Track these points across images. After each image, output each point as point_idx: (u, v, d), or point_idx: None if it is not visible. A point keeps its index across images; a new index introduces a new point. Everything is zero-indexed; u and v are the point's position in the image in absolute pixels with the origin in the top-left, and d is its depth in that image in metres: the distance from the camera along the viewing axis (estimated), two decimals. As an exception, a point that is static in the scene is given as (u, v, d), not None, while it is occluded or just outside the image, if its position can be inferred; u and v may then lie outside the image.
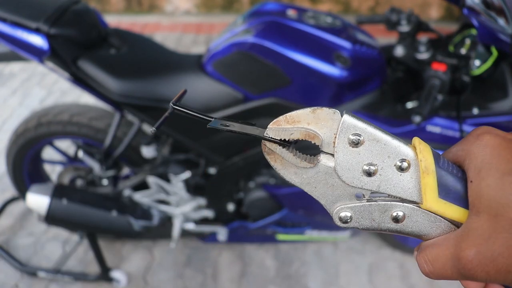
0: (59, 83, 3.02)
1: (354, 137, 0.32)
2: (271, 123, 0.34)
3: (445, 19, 4.27)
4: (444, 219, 0.32)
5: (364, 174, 0.32)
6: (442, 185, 0.31)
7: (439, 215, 0.31)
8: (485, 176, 0.27)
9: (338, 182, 0.33)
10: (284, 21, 1.33)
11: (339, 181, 0.33)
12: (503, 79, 1.28)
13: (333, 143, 0.33)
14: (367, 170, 0.32)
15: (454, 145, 0.33)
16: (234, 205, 1.62)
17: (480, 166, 0.28)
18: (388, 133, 0.32)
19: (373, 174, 0.32)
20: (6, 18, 1.30)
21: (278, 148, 0.34)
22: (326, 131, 0.33)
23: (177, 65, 1.42)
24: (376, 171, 0.32)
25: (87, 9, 1.42)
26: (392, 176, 0.32)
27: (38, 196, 1.44)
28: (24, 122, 1.58)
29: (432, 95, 1.19)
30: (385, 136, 0.32)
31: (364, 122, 0.32)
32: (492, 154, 0.28)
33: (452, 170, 0.31)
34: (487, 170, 0.27)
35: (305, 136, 0.33)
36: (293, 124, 0.33)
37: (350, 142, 0.32)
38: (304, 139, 0.33)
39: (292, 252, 1.87)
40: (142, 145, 1.49)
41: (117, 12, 4.33)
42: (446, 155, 0.33)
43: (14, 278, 1.71)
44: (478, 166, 0.28)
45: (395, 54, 1.39)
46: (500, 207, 0.26)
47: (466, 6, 1.17)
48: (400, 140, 0.32)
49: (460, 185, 0.31)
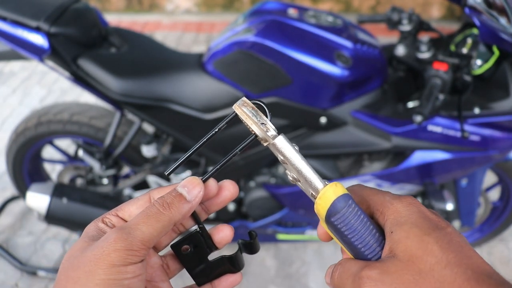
0: (59, 82, 3.01)
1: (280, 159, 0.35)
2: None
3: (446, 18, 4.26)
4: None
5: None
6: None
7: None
8: (408, 230, 0.31)
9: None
10: (285, 20, 1.33)
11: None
12: (504, 79, 1.27)
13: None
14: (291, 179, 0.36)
15: (376, 194, 0.36)
16: (235, 204, 1.62)
17: (404, 222, 0.32)
18: (308, 166, 0.34)
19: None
20: (7, 17, 1.30)
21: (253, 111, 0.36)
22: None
23: (178, 64, 1.42)
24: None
25: (87, 8, 1.42)
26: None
27: (38, 195, 1.44)
28: (24, 121, 1.57)
29: (433, 95, 1.18)
30: (304, 168, 0.34)
31: (290, 149, 0.35)
32: (417, 217, 0.32)
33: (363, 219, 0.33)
34: (410, 227, 0.31)
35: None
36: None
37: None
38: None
39: (293, 251, 1.86)
40: (142, 144, 1.49)
41: (118, 11, 4.33)
42: (363, 197, 0.36)
43: (14, 277, 1.71)
44: (401, 222, 0.32)
45: (396, 54, 1.38)
46: (414, 257, 0.30)
47: (467, 5, 1.17)
48: (316, 175, 0.34)
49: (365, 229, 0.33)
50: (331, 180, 0.35)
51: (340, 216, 0.33)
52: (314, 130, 1.39)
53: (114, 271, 0.32)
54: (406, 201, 0.34)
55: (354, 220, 0.33)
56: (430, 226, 0.31)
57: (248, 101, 0.36)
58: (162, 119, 1.41)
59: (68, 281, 0.33)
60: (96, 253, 0.33)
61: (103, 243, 0.33)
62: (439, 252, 0.29)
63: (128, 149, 1.54)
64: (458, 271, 0.29)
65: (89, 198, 1.49)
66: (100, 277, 0.32)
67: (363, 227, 0.33)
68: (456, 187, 1.53)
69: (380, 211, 0.34)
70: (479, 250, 1.94)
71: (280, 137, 0.35)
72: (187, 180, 0.36)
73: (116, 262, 0.32)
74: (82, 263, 0.33)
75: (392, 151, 1.37)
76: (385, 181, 1.40)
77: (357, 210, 0.33)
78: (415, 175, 1.39)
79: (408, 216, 0.32)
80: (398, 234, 0.31)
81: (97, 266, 0.32)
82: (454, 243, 0.30)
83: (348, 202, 0.33)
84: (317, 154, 1.43)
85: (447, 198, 1.45)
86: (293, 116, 1.36)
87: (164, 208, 0.34)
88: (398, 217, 0.33)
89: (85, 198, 1.48)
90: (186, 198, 0.35)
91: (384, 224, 0.34)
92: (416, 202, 0.34)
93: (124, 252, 0.32)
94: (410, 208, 0.33)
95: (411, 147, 1.34)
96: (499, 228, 1.77)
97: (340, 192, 0.33)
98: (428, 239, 0.30)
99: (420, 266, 0.29)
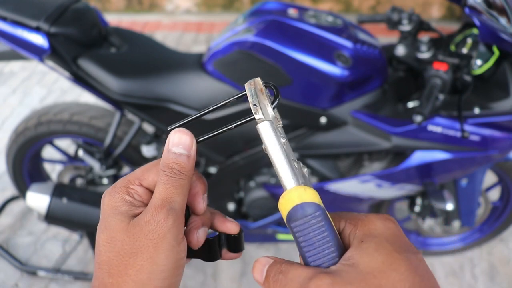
0: (59, 82, 3.01)
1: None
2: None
3: (446, 18, 4.26)
4: None
5: None
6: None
7: None
8: (378, 243, 0.30)
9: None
10: (285, 20, 1.33)
11: None
12: (504, 79, 1.27)
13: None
14: None
15: (353, 212, 0.35)
16: (235, 204, 1.62)
17: (377, 234, 0.31)
18: (285, 160, 0.33)
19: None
20: (7, 17, 1.30)
21: (265, 88, 0.36)
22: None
23: (178, 64, 1.42)
24: None
25: (87, 8, 1.42)
26: None
27: (38, 195, 1.44)
28: (24, 121, 1.57)
29: (433, 95, 1.18)
30: (280, 161, 0.33)
31: (272, 138, 0.34)
32: (392, 233, 0.31)
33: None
34: (382, 241, 0.30)
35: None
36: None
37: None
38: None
39: (293, 251, 1.86)
40: (142, 144, 1.49)
41: (118, 11, 4.33)
42: (338, 213, 0.35)
43: (14, 277, 1.71)
44: (375, 234, 0.31)
45: (396, 54, 1.38)
46: (377, 270, 0.28)
47: (467, 5, 1.17)
48: (290, 173, 0.32)
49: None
50: (310, 183, 0.33)
51: (298, 224, 0.30)
52: (314, 130, 1.39)
53: (174, 252, 0.32)
54: (384, 216, 0.33)
55: (313, 233, 0.30)
56: (402, 246, 0.30)
57: (259, 81, 0.36)
58: (162, 119, 1.41)
59: (129, 268, 0.32)
60: (152, 237, 0.32)
61: (153, 225, 0.32)
62: (406, 272, 0.28)
63: (128, 149, 1.54)
64: None
65: (89, 198, 1.49)
66: (163, 262, 0.32)
67: (322, 243, 0.30)
68: (456, 187, 1.53)
69: (353, 224, 0.32)
70: (479, 250, 1.94)
71: (265, 123, 0.33)
72: (175, 137, 0.36)
73: (173, 242, 0.32)
74: (139, 249, 0.32)
75: (392, 151, 1.37)
76: (385, 181, 1.40)
77: (321, 225, 0.30)
78: (415, 175, 1.39)
79: (383, 230, 0.31)
80: (368, 244, 0.30)
81: (157, 251, 0.32)
82: (422, 269, 0.29)
83: (313, 212, 0.30)
84: (317, 154, 1.43)
85: (447, 198, 1.45)
86: (293, 116, 1.36)
87: (178, 173, 0.35)
88: (372, 229, 0.31)
89: (85, 198, 1.48)
90: (186, 154, 0.35)
91: (355, 235, 0.32)
92: (394, 220, 0.33)
93: (176, 229, 0.33)
94: (386, 223, 0.32)
95: (411, 147, 1.34)
96: (499, 228, 1.77)
97: (307, 198, 0.30)
98: (398, 256, 0.29)
99: (382, 281, 0.27)
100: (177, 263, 0.33)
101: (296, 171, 0.32)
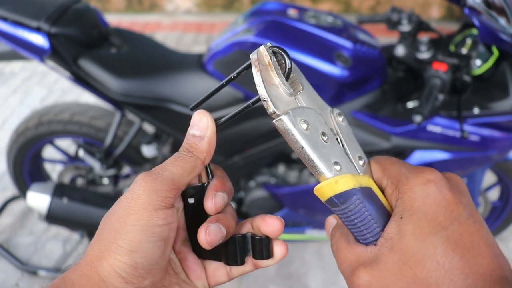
0: (59, 82, 3.02)
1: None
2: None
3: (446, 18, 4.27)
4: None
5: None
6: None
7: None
8: (416, 223, 0.28)
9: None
10: (285, 20, 1.33)
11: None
12: (504, 79, 1.27)
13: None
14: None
15: (393, 164, 0.32)
16: (235, 204, 1.62)
17: (416, 210, 0.29)
18: (312, 151, 0.31)
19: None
20: (7, 17, 1.30)
21: (273, 58, 0.32)
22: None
23: (178, 64, 1.42)
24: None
25: (87, 8, 1.42)
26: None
27: (38, 195, 1.44)
28: (25, 121, 1.58)
29: (433, 95, 1.19)
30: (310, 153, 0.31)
31: (292, 133, 0.31)
32: (432, 204, 0.28)
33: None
34: (419, 221, 0.28)
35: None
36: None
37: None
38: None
39: (293, 251, 1.87)
40: (142, 144, 1.49)
41: (118, 11, 4.33)
42: (380, 164, 0.33)
43: (14, 277, 1.71)
44: (413, 209, 0.29)
45: (396, 54, 1.39)
46: (412, 260, 0.27)
47: (467, 5, 1.17)
48: (321, 162, 0.31)
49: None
50: (339, 168, 0.32)
51: (337, 211, 0.31)
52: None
53: (146, 215, 0.32)
54: (424, 177, 0.29)
55: (354, 215, 0.31)
56: (442, 219, 0.28)
57: (264, 52, 0.32)
58: (163, 119, 1.41)
59: (105, 228, 0.33)
60: (128, 196, 0.33)
61: (133, 186, 0.33)
62: (442, 257, 0.27)
63: (129, 149, 1.54)
64: (458, 279, 0.26)
65: (90, 198, 1.50)
66: (131, 223, 0.31)
67: (365, 223, 0.30)
68: (455, 187, 1.54)
69: (395, 184, 0.31)
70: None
71: (281, 120, 0.31)
72: (193, 119, 0.36)
73: (147, 205, 0.32)
74: (117, 209, 0.33)
75: (391, 151, 1.37)
76: (384, 181, 1.41)
77: (360, 207, 0.30)
78: (415, 175, 1.39)
79: (422, 202, 0.28)
80: (406, 225, 0.28)
81: (129, 211, 0.32)
82: (463, 241, 0.27)
83: (348, 199, 0.30)
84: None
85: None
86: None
87: (187, 151, 0.35)
88: (411, 201, 0.29)
89: (86, 198, 1.49)
90: (200, 135, 0.35)
91: (396, 203, 0.30)
92: (435, 179, 0.29)
93: (154, 192, 0.32)
94: (426, 188, 0.29)
95: (411, 147, 1.34)
96: (499, 228, 1.78)
97: (339, 189, 0.30)
98: (434, 239, 0.27)
99: (417, 271, 0.27)
100: (147, 229, 0.31)
101: (325, 159, 0.31)
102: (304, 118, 0.31)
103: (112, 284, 0.31)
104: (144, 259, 0.31)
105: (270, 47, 0.33)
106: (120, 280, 0.31)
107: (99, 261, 0.31)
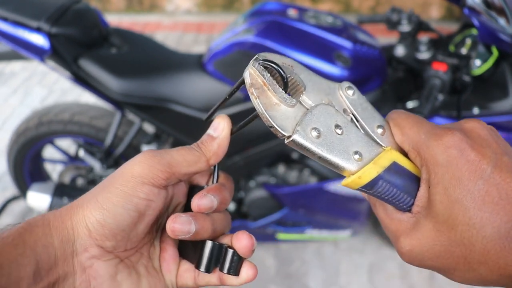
0: (60, 82, 3.02)
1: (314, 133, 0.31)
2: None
3: (445, 18, 4.27)
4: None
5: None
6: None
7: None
8: (441, 192, 0.29)
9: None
10: (285, 20, 1.34)
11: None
12: (503, 79, 1.28)
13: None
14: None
15: (411, 127, 0.32)
16: (235, 204, 1.62)
17: (439, 180, 0.29)
18: (330, 155, 0.30)
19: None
20: (7, 17, 1.30)
21: (266, 75, 0.31)
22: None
23: (178, 64, 1.42)
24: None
25: (88, 9, 1.43)
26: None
27: (39, 195, 1.44)
28: (25, 121, 1.58)
29: (433, 95, 1.19)
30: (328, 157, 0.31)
31: (305, 148, 0.30)
32: (455, 169, 0.29)
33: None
34: (445, 189, 0.29)
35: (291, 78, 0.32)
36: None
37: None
38: (290, 76, 0.32)
39: (293, 251, 1.87)
40: (142, 144, 1.49)
41: (118, 12, 4.33)
42: (400, 128, 0.33)
43: (15, 277, 1.71)
44: (438, 176, 0.29)
45: (396, 54, 1.39)
46: (444, 226, 0.29)
47: (466, 6, 1.18)
48: (342, 161, 0.31)
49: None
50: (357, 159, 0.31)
51: (369, 193, 0.32)
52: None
53: (130, 184, 0.33)
54: (443, 144, 0.29)
55: (383, 195, 0.32)
56: (466, 183, 0.28)
57: (256, 73, 0.30)
58: (163, 119, 1.42)
59: (99, 186, 0.34)
60: (126, 164, 0.35)
61: (135, 156, 0.35)
62: (471, 218, 0.28)
63: (129, 149, 1.55)
64: (490, 234, 0.27)
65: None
66: (116, 185, 0.33)
67: (396, 199, 0.32)
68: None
69: (416, 150, 0.31)
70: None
71: (292, 142, 0.30)
72: (214, 121, 0.38)
73: (136, 176, 0.33)
74: (115, 172, 0.35)
75: (391, 151, 1.38)
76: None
77: (387, 188, 0.31)
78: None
79: (446, 170, 0.29)
80: (433, 195, 0.30)
81: (120, 175, 0.34)
82: (491, 197, 0.28)
83: (373, 186, 0.31)
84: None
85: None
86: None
87: (196, 146, 0.37)
88: (435, 169, 0.30)
89: (86, 198, 1.49)
90: (213, 136, 0.37)
91: (421, 169, 0.31)
92: (455, 143, 0.29)
93: (147, 167, 0.34)
94: (447, 156, 0.29)
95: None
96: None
97: (363, 182, 0.31)
98: (461, 204, 0.28)
99: (450, 235, 0.29)
100: (126, 196, 0.33)
101: (343, 155, 0.31)
102: (313, 125, 0.30)
103: (78, 233, 0.33)
104: (113, 220, 0.32)
105: (260, 62, 0.31)
106: (86, 231, 0.32)
107: (77, 209, 0.33)
